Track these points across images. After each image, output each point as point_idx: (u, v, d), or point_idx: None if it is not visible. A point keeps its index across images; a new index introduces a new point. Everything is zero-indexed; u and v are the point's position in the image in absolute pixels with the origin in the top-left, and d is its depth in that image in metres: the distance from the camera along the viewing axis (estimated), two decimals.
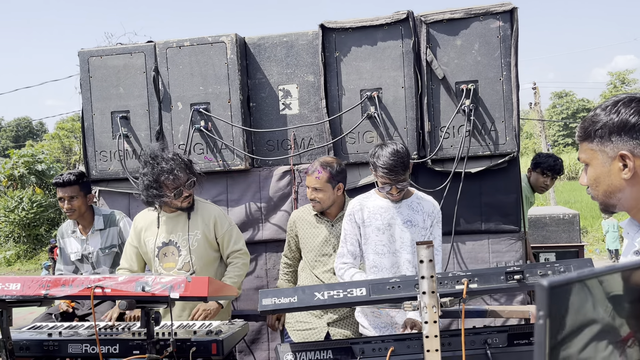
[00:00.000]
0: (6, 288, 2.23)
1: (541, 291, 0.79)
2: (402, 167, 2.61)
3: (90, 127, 3.81)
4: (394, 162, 2.58)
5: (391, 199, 2.73)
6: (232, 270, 3.05)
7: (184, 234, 3.01)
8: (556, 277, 0.81)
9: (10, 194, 22.75)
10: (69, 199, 3.43)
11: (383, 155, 2.61)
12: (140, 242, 3.11)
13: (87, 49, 3.81)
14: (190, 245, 3.00)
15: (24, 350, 2.51)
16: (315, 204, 3.05)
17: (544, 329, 0.79)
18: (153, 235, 3.06)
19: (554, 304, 0.79)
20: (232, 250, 3.08)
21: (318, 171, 3.01)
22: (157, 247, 3.05)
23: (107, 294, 2.17)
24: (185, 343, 2.35)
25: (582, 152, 1.41)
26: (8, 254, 22.11)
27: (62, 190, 3.43)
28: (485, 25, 3.38)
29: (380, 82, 3.49)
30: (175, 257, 3.02)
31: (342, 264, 2.81)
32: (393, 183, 2.63)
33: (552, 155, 4.61)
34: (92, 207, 3.58)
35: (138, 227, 3.14)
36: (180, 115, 3.68)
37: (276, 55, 3.68)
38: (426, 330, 1.85)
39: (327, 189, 3.02)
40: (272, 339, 3.70)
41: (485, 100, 3.41)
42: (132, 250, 3.14)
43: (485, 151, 3.42)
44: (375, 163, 2.65)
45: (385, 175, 2.61)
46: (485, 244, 3.50)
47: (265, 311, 2.05)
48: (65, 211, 3.47)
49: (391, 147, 2.63)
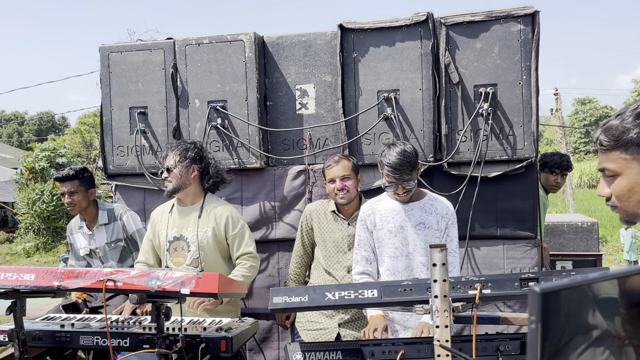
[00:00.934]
0: (20, 278, 2.26)
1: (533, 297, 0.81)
2: (409, 166, 2.59)
3: (109, 122, 3.84)
4: (400, 161, 2.56)
5: (399, 200, 2.71)
6: (239, 270, 2.99)
7: (194, 230, 3.02)
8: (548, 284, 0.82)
9: (32, 186, 23.13)
10: (69, 193, 3.48)
11: (389, 154, 2.60)
12: (155, 236, 3.13)
13: (107, 44, 3.85)
14: (200, 241, 3.00)
15: (36, 341, 2.54)
16: (345, 194, 3.02)
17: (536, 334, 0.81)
18: (165, 229, 3.08)
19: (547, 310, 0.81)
20: (242, 253, 3.03)
21: (344, 160, 3.04)
22: (168, 241, 3.06)
23: (119, 287, 2.18)
24: (195, 339, 2.36)
25: (611, 161, 1.34)
26: (27, 245, 22.48)
27: (62, 184, 3.49)
28: (506, 28, 3.33)
29: (397, 83, 3.46)
30: (185, 252, 3.03)
31: (357, 274, 2.79)
32: (398, 182, 2.61)
33: (557, 153, 4.57)
34: (97, 202, 3.61)
35: (154, 221, 3.17)
36: (198, 113, 3.69)
37: (294, 55, 3.67)
38: (437, 334, 1.82)
39: (353, 176, 3.04)
40: (283, 338, 3.69)
41: (504, 104, 3.36)
42: (149, 243, 3.17)
43: (502, 156, 3.37)
44: (381, 161, 2.64)
45: (390, 174, 2.60)
46: (500, 249, 3.45)
47: (276, 309, 2.04)
48: (67, 205, 3.52)
49: (399, 147, 2.62)
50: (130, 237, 3.54)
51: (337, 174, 3.01)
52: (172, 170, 2.98)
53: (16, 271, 2.28)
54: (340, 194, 3.02)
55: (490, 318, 3.09)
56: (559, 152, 4.67)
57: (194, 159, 3.01)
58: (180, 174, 2.98)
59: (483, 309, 3.32)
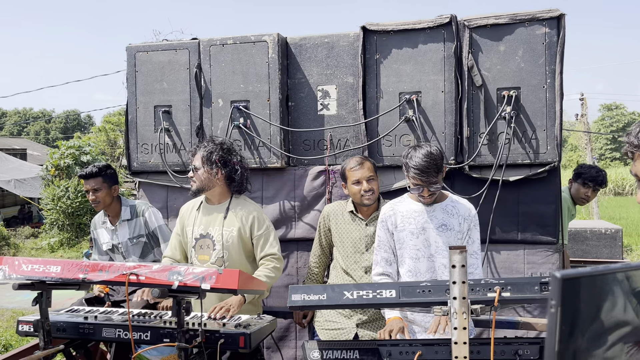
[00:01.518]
0: (47, 270, 2.32)
1: (554, 282, 0.85)
2: (435, 169, 2.58)
3: (134, 120, 3.92)
4: (426, 163, 2.55)
5: (423, 202, 2.71)
6: (262, 270, 3.00)
7: (220, 229, 3.05)
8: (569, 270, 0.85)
9: (57, 183, 23.61)
10: (93, 190, 3.54)
11: (416, 156, 2.59)
12: (182, 231, 3.18)
13: (134, 44, 3.92)
14: (225, 241, 3.03)
15: (60, 332, 2.60)
16: (372, 195, 3.03)
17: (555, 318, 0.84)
18: (192, 225, 3.12)
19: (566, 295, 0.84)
20: (266, 254, 3.04)
21: (366, 161, 3.06)
22: (194, 238, 3.10)
23: (142, 281, 2.22)
24: (214, 334, 2.39)
25: None
26: (52, 240, 22.94)
27: (86, 182, 3.56)
28: (530, 31, 3.31)
29: (419, 85, 3.46)
30: (210, 250, 3.06)
31: (377, 275, 2.79)
32: (424, 185, 2.60)
33: (594, 167, 4.46)
34: (120, 198, 3.68)
35: (182, 217, 3.21)
36: (220, 112, 3.74)
37: (317, 56, 3.70)
38: (455, 336, 1.82)
39: (376, 177, 3.07)
40: (300, 337, 3.71)
41: (527, 108, 3.33)
42: (176, 238, 3.21)
43: (524, 159, 3.34)
44: (407, 164, 2.63)
45: (417, 176, 2.59)
46: (521, 254, 3.42)
47: (295, 307, 2.06)
48: (91, 202, 3.59)
49: (425, 149, 2.61)
50: (152, 233, 3.60)
51: (363, 175, 3.02)
52: (197, 171, 3.02)
53: (43, 263, 2.34)
54: (367, 194, 3.03)
55: (509, 323, 3.06)
56: (597, 166, 4.53)
57: (218, 162, 3.01)
58: (204, 176, 3.01)
59: (502, 313, 3.30)
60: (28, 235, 26.18)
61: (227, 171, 3.04)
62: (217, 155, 3.01)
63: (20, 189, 28.27)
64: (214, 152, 3.01)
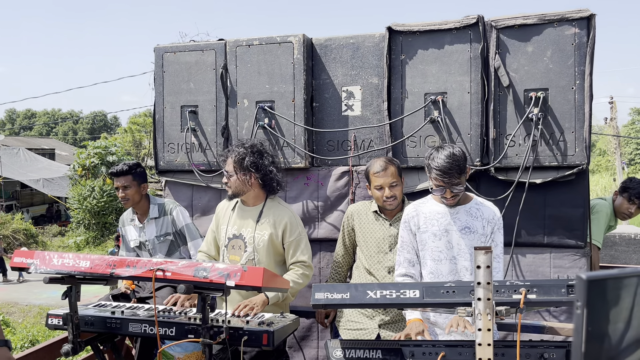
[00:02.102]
0: (77, 265, 2.37)
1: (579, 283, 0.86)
2: (458, 170, 2.56)
3: (161, 119, 3.98)
4: (449, 164, 2.53)
5: (446, 203, 2.69)
6: (291, 275, 3.00)
7: (252, 231, 3.06)
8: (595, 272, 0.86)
9: (84, 182, 24.08)
10: (123, 187, 3.61)
11: (438, 157, 2.57)
12: (217, 229, 3.21)
13: (162, 45, 3.99)
14: (256, 244, 3.04)
15: (88, 326, 2.66)
16: (393, 201, 3.02)
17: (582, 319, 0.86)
18: (226, 224, 3.15)
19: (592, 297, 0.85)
20: (296, 261, 3.05)
21: (390, 166, 3.02)
22: (227, 237, 3.12)
23: (168, 277, 2.25)
24: (238, 331, 2.41)
25: None
26: (78, 239, 23.40)
27: (116, 179, 3.63)
28: (559, 31, 3.26)
29: (445, 86, 3.44)
30: (241, 251, 3.07)
31: (399, 276, 2.78)
32: (447, 186, 2.58)
33: None
34: (148, 196, 3.73)
35: (218, 214, 3.25)
36: (246, 112, 3.78)
37: (342, 57, 3.71)
38: (479, 338, 1.81)
39: (400, 182, 3.04)
40: (322, 337, 3.72)
41: (555, 109, 3.29)
42: (212, 235, 3.25)
43: (552, 162, 3.30)
44: (429, 165, 2.61)
45: (439, 178, 2.57)
46: (547, 257, 3.37)
47: (318, 305, 2.06)
48: (120, 199, 3.66)
49: (447, 150, 2.59)
50: (179, 231, 3.65)
51: (386, 182, 3.00)
52: (231, 178, 3.03)
53: (72, 258, 2.39)
54: (389, 201, 3.02)
55: (534, 327, 3.01)
56: None
57: (251, 168, 2.99)
58: (237, 182, 3.02)
59: (527, 317, 3.25)
60: (55, 233, 26.75)
61: (260, 175, 3.02)
62: (249, 160, 2.98)
63: (49, 188, 28.97)
64: (246, 158, 2.99)
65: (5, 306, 13.59)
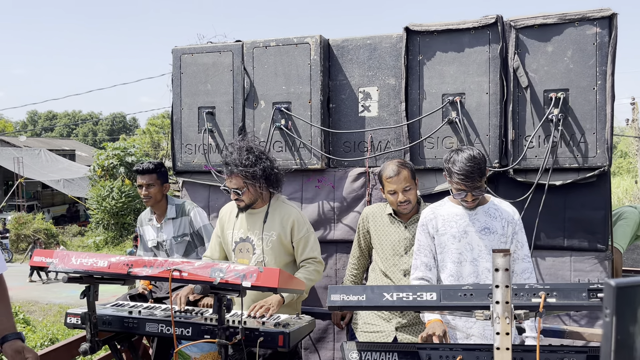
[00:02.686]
0: (95, 264, 2.40)
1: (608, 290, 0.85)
2: (479, 173, 2.53)
3: (178, 120, 4.01)
4: (470, 167, 2.51)
5: (466, 206, 2.66)
6: (302, 272, 3.00)
7: (260, 233, 3.06)
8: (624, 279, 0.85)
9: (102, 183, 24.39)
10: (147, 186, 3.64)
11: (459, 161, 2.54)
12: (223, 234, 3.22)
13: (180, 46, 4.01)
14: (265, 245, 3.04)
15: (106, 325, 2.68)
16: (407, 205, 2.99)
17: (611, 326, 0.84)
18: (232, 229, 3.15)
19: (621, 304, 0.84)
20: (307, 257, 3.05)
21: (403, 170, 2.96)
22: (234, 241, 3.13)
23: (184, 277, 2.26)
24: (254, 332, 2.41)
25: None
26: (97, 239, 23.71)
27: (141, 177, 3.66)
28: (580, 31, 3.21)
29: (463, 87, 3.41)
30: (250, 254, 3.08)
31: (416, 279, 2.76)
32: (469, 190, 2.56)
33: None
34: (167, 197, 3.76)
35: (222, 219, 3.25)
36: (263, 113, 3.78)
37: (358, 58, 3.70)
38: (497, 342, 1.78)
39: (413, 185, 3.01)
40: (338, 339, 3.70)
41: (575, 110, 3.23)
42: (216, 240, 3.25)
43: (572, 163, 3.24)
44: (450, 169, 2.58)
45: (460, 182, 2.54)
46: (567, 261, 3.31)
47: (334, 307, 2.05)
48: (143, 197, 3.68)
49: (467, 152, 2.56)
50: (197, 232, 3.67)
51: (399, 187, 2.95)
52: (243, 194, 2.99)
53: (91, 257, 2.42)
54: (403, 205, 2.99)
55: (554, 331, 2.97)
56: None
57: (260, 177, 2.97)
58: (250, 194, 3.00)
59: (547, 321, 3.20)
60: (75, 233, 27.14)
61: (265, 177, 3.00)
62: (258, 170, 2.94)
63: (69, 189, 29.43)
64: (254, 166, 2.93)
65: (26, 305, 13.82)
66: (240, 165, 2.93)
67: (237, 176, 2.95)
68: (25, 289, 15.91)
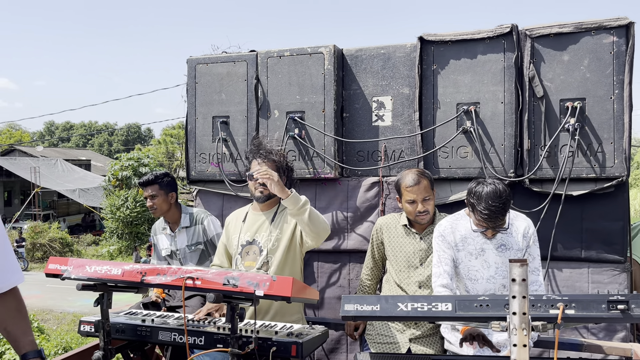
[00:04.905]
0: (109, 272, 2.40)
1: None
2: (503, 212, 2.51)
3: (193, 130, 4.03)
4: (495, 208, 2.48)
5: (485, 238, 2.64)
6: None
7: (267, 234, 3.06)
8: None
9: (117, 193, 24.60)
10: (150, 197, 3.67)
11: (484, 199, 2.51)
12: (228, 239, 3.22)
13: (194, 56, 4.05)
14: (271, 245, 3.03)
15: (119, 333, 2.68)
16: (426, 215, 2.96)
17: None
18: (238, 233, 3.16)
19: None
20: None
21: (423, 179, 2.95)
22: (240, 245, 3.13)
23: (197, 285, 2.26)
24: (267, 342, 2.39)
25: None
26: (112, 248, 23.87)
27: (144, 189, 3.70)
28: (597, 40, 3.18)
29: (478, 96, 3.39)
30: (256, 256, 3.07)
31: (440, 286, 2.72)
32: (490, 227, 2.54)
33: None
34: (180, 206, 3.77)
35: (228, 226, 3.26)
36: (276, 123, 3.79)
37: (372, 67, 3.69)
38: (514, 354, 1.74)
39: (432, 195, 2.99)
40: (351, 350, 3.66)
41: (592, 120, 3.19)
42: (222, 247, 3.26)
43: (590, 173, 3.20)
44: (474, 205, 2.56)
45: (484, 221, 2.53)
46: (585, 272, 3.26)
47: (347, 317, 2.03)
48: (149, 208, 3.71)
49: (492, 188, 2.51)
50: (210, 240, 3.67)
51: (419, 196, 2.94)
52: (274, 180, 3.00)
53: (105, 265, 2.43)
54: (421, 215, 2.97)
55: (572, 344, 2.91)
56: None
57: (284, 170, 3.09)
58: (279, 184, 2.95)
59: (564, 334, 3.14)
60: (90, 242, 27.35)
61: (286, 177, 3.11)
62: (283, 162, 3.10)
63: (84, 198, 29.73)
64: (281, 157, 3.11)
65: (40, 313, 13.91)
66: (271, 152, 3.09)
67: (272, 161, 3.06)
68: (41, 298, 16.03)
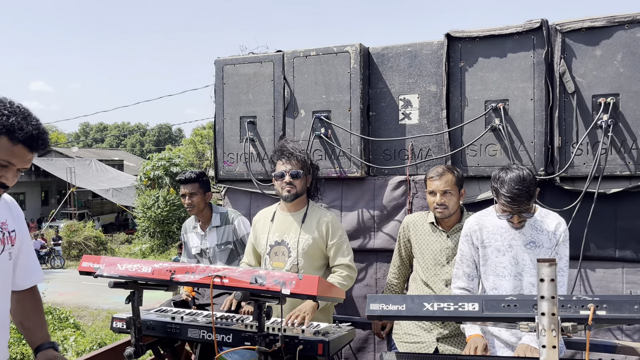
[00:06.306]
0: (139, 270, 2.45)
1: None
2: (527, 196, 2.45)
3: (221, 130, 4.08)
4: (518, 190, 2.43)
5: (512, 227, 2.59)
6: (335, 277, 3.02)
7: (296, 236, 3.09)
8: None
9: (148, 192, 25.07)
10: (190, 195, 3.71)
11: (507, 182, 2.46)
12: (256, 239, 3.25)
13: (222, 57, 4.09)
14: (301, 248, 3.06)
15: (150, 330, 2.74)
16: (444, 209, 2.95)
17: None
18: (266, 233, 3.18)
19: None
20: (340, 263, 3.07)
21: (448, 173, 2.96)
22: (269, 245, 3.15)
23: (225, 284, 2.29)
24: (293, 340, 2.41)
25: None
26: (144, 247, 24.34)
27: (184, 186, 3.74)
28: (630, 34, 3.09)
29: (507, 93, 3.33)
30: (285, 257, 3.10)
31: (458, 289, 2.71)
32: (515, 212, 2.50)
33: None
34: (211, 205, 3.82)
35: (256, 225, 3.29)
36: (303, 122, 3.81)
37: (399, 65, 3.67)
38: (543, 355, 1.71)
39: (456, 192, 2.97)
40: (378, 349, 3.66)
41: (626, 116, 3.11)
42: (250, 246, 3.30)
43: (624, 171, 3.11)
44: (497, 189, 2.51)
45: (507, 204, 2.48)
46: (619, 272, 3.17)
47: (373, 316, 2.03)
48: (186, 206, 3.76)
49: (516, 173, 2.47)
50: (240, 240, 3.72)
51: (438, 187, 2.94)
52: (298, 178, 3.08)
53: (136, 263, 2.48)
54: (439, 208, 2.96)
55: (605, 346, 2.84)
56: None
57: (310, 169, 3.14)
58: (302, 183, 3.09)
59: (597, 335, 3.07)
60: (123, 241, 27.97)
61: (313, 177, 3.15)
62: (310, 162, 3.14)
63: (117, 198, 30.41)
64: (308, 158, 3.14)
65: (76, 310, 14.30)
66: (298, 150, 3.13)
67: (297, 160, 3.09)
68: (77, 295, 16.47)
